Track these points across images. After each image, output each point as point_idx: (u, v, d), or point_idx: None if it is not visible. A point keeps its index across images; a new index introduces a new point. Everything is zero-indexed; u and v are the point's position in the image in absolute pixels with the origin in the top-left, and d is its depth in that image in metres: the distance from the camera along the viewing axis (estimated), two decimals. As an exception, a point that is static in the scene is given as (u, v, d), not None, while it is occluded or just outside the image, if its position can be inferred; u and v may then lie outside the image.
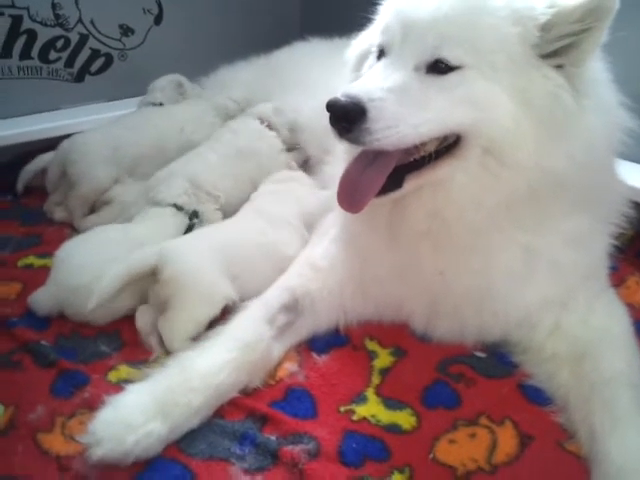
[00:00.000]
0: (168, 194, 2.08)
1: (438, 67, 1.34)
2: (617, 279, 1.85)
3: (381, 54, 1.47)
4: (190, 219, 2.05)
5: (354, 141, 1.34)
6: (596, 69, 1.41)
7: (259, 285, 1.73)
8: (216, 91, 2.84)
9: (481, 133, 1.35)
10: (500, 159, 1.36)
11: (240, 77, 2.88)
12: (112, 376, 1.58)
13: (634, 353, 1.51)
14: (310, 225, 2.00)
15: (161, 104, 2.70)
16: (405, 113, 1.32)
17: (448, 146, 1.41)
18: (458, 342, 1.66)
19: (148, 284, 1.71)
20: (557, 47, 1.32)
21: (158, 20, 3.14)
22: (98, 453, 1.28)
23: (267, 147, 2.40)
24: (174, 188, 2.10)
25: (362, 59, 1.63)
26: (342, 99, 1.29)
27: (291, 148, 2.48)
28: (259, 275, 1.77)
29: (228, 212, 2.16)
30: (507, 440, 1.42)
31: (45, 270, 1.85)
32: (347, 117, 1.30)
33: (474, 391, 1.56)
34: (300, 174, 2.26)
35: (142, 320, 1.71)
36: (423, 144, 1.37)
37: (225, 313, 1.66)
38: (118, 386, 1.49)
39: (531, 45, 1.32)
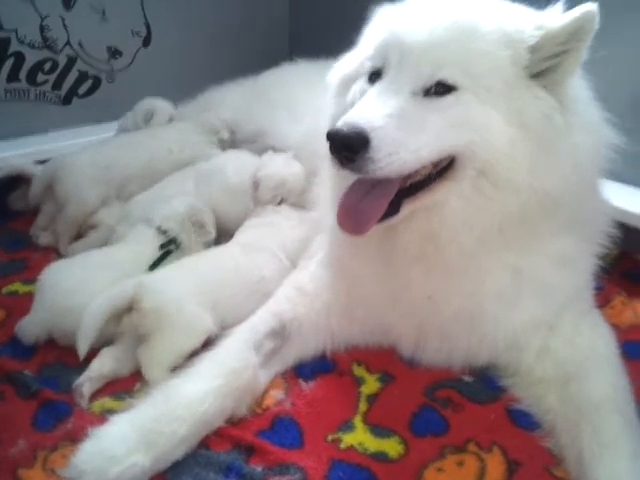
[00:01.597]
0: (159, 214, 2.08)
1: (435, 90, 1.35)
2: (603, 299, 1.86)
3: (374, 76, 1.45)
4: (168, 244, 2.01)
5: (357, 170, 1.32)
6: (578, 87, 1.43)
7: (237, 310, 1.73)
8: (202, 112, 2.83)
9: (475, 155, 1.36)
10: (494, 181, 1.37)
11: (227, 98, 2.89)
12: (96, 407, 1.56)
13: (620, 375, 1.51)
14: (293, 257, 1.98)
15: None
16: (405, 139, 1.31)
17: (442, 169, 1.41)
18: (446, 366, 1.65)
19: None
20: (544, 68, 1.35)
21: (146, 42, 3.15)
22: (81, 487, 1.25)
23: (239, 210, 2.28)
24: (168, 210, 2.09)
25: (347, 82, 1.61)
26: (345, 129, 1.28)
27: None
28: (236, 300, 1.77)
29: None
30: (495, 467, 1.41)
31: (30, 296, 1.82)
32: (351, 147, 1.28)
33: (462, 417, 1.55)
34: (286, 208, 2.24)
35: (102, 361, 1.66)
36: (419, 169, 1.38)
37: (206, 344, 1.65)
38: (102, 417, 1.48)
39: (522, 67, 1.34)
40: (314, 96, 2.25)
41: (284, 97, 2.68)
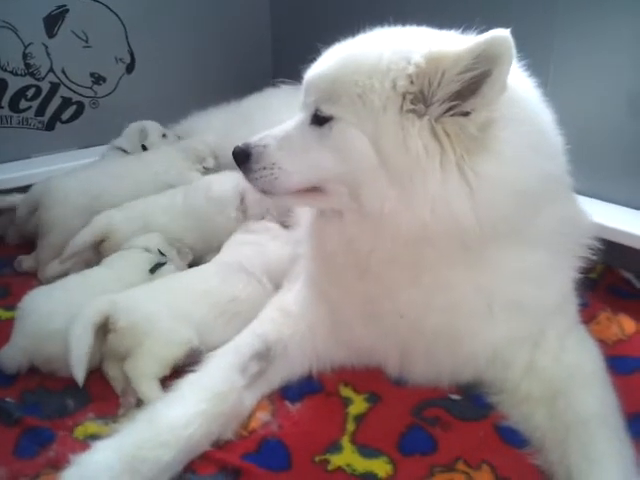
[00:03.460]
0: (143, 241, 2.11)
1: (317, 119, 1.45)
2: (588, 315, 1.85)
3: None
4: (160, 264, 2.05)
5: (245, 178, 1.56)
6: (512, 116, 1.36)
7: (209, 330, 1.74)
8: (187, 137, 2.84)
9: (342, 179, 1.43)
10: (367, 207, 1.41)
11: (211, 123, 2.91)
12: (79, 432, 1.53)
13: (607, 390, 1.50)
14: (277, 279, 1.98)
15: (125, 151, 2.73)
16: (282, 159, 1.49)
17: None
18: (433, 385, 1.64)
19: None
20: (445, 93, 1.31)
21: (130, 69, 3.17)
22: (62, 515, 1.23)
23: (225, 221, 2.33)
24: (151, 240, 2.13)
25: None
26: (239, 145, 1.54)
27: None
28: (206, 319, 1.77)
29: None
30: (484, 485, 1.40)
31: (12, 322, 1.78)
32: (237, 158, 1.54)
33: (450, 435, 1.54)
34: (275, 226, 2.25)
35: (113, 371, 1.69)
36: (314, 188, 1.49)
37: (189, 364, 1.63)
38: (85, 443, 1.44)
39: (401, 93, 1.34)
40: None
41: (267, 121, 2.67)
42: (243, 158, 1.52)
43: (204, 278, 1.92)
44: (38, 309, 1.73)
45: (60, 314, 1.69)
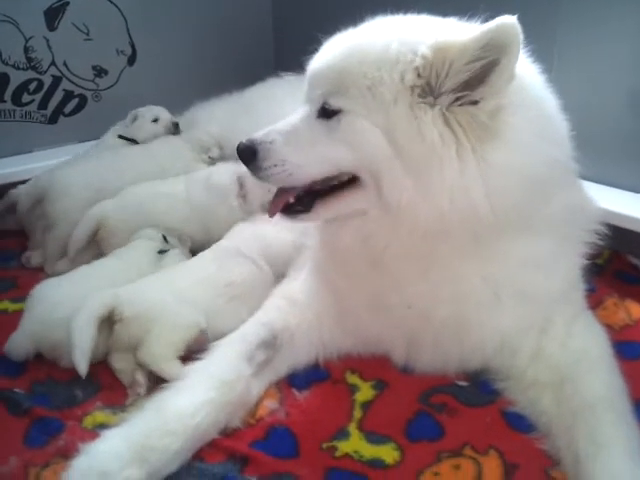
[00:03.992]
0: (147, 233, 2.14)
1: (325, 112, 1.44)
2: (595, 300, 1.86)
3: None
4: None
5: (254, 175, 1.52)
6: (519, 103, 1.35)
7: (208, 314, 1.74)
8: (190, 128, 2.84)
9: (367, 172, 1.41)
10: (387, 198, 1.39)
11: (214, 114, 2.90)
12: (88, 422, 1.54)
13: (614, 375, 1.50)
14: (279, 263, 1.99)
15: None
16: (291, 154, 1.47)
17: (352, 179, 1.46)
18: (441, 373, 1.65)
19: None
20: (454, 83, 1.31)
21: (131, 61, 3.16)
22: (72, 504, 1.24)
23: (228, 211, 2.33)
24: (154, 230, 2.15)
25: None
26: (243, 142, 1.51)
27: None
28: (204, 303, 1.77)
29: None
30: (492, 470, 1.40)
31: (19, 315, 1.80)
32: (242, 156, 1.50)
33: (457, 421, 1.54)
34: None
35: (119, 363, 1.69)
36: (336, 176, 1.47)
37: (199, 350, 1.63)
38: (94, 432, 1.46)
39: (409, 86, 1.33)
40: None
41: (270, 111, 2.67)
42: (249, 156, 1.49)
43: (202, 265, 1.94)
44: (47, 298, 1.77)
45: (67, 303, 1.71)
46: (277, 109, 2.66)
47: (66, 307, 1.70)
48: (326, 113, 1.43)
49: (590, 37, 2.15)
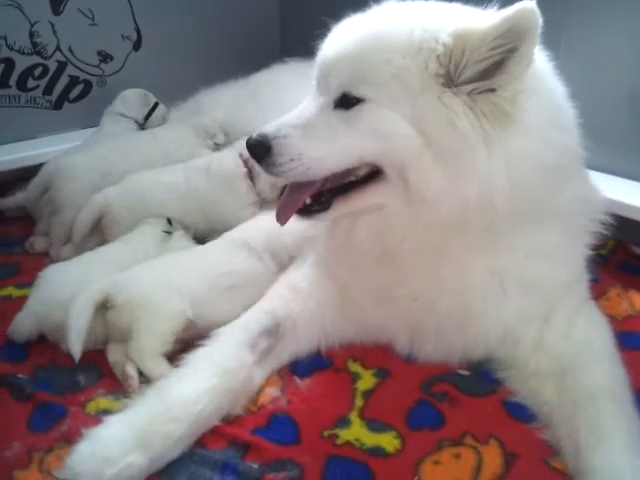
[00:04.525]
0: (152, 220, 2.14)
1: (343, 102, 1.40)
2: (598, 291, 1.85)
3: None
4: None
5: (267, 171, 1.47)
6: (534, 89, 1.35)
7: (204, 304, 1.75)
8: (195, 114, 2.83)
9: (390, 163, 1.38)
10: (413, 189, 1.37)
11: (219, 100, 2.88)
12: (91, 408, 1.56)
13: (616, 366, 1.50)
14: (286, 252, 1.98)
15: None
16: (308, 147, 1.42)
17: (374, 173, 1.44)
18: (443, 362, 1.65)
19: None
20: (475, 71, 1.30)
21: (137, 46, 3.14)
22: (76, 488, 1.25)
23: (235, 199, 2.30)
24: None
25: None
26: (253, 137, 1.45)
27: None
28: (200, 294, 1.77)
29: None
30: (492, 459, 1.41)
31: (24, 301, 1.81)
32: (255, 153, 1.45)
33: (458, 410, 1.55)
34: None
35: (114, 356, 1.70)
36: (355, 169, 1.44)
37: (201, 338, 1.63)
38: (97, 418, 1.47)
39: (433, 75, 1.32)
40: (304, 95, 2.25)
41: (275, 97, 2.67)
42: (262, 151, 1.43)
43: (204, 253, 1.95)
44: (53, 280, 1.80)
45: (72, 286, 1.73)
46: (282, 95, 2.65)
47: (70, 290, 1.72)
48: (345, 103, 1.40)
49: (598, 25, 2.13)
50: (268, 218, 2.08)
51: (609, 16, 2.10)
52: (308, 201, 1.51)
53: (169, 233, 2.11)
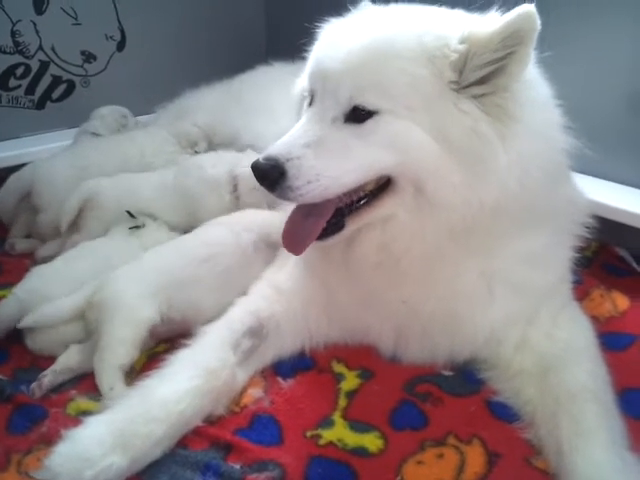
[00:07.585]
0: None
1: (356, 115, 1.35)
2: (582, 292, 1.87)
3: (311, 101, 1.47)
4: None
5: (281, 197, 1.38)
6: (526, 92, 1.37)
7: (188, 293, 1.76)
8: (179, 117, 2.82)
9: (406, 174, 1.37)
10: (429, 198, 1.36)
11: (203, 102, 2.87)
12: (71, 409, 1.54)
13: (598, 366, 1.51)
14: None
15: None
16: (325, 166, 1.34)
17: (383, 185, 1.42)
18: (429, 363, 1.65)
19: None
20: (481, 75, 1.31)
21: (121, 47, 3.13)
22: (55, 489, 1.23)
23: (217, 200, 2.30)
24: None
25: (301, 101, 1.62)
26: (262, 162, 1.34)
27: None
28: (184, 281, 1.77)
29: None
30: (475, 459, 1.41)
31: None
32: (268, 179, 1.34)
33: (441, 410, 1.55)
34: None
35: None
36: (364, 184, 1.40)
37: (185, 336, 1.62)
38: (77, 419, 1.45)
39: (446, 82, 1.32)
40: (289, 98, 2.25)
41: (260, 100, 2.67)
42: (276, 177, 1.33)
43: (182, 238, 1.98)
44: (41, 273, 1.86)
45: (56, 281, 1.80)
46: (265, 97, 2.65)
47: (54, 284, 1.78)
48: (357, 116, 1.35)
49: (585, 26, 2.15)
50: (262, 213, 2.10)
51: (608, 16, 2.11)
52: (324, 226, 1.45)
53: (137, 227, 2.11)
